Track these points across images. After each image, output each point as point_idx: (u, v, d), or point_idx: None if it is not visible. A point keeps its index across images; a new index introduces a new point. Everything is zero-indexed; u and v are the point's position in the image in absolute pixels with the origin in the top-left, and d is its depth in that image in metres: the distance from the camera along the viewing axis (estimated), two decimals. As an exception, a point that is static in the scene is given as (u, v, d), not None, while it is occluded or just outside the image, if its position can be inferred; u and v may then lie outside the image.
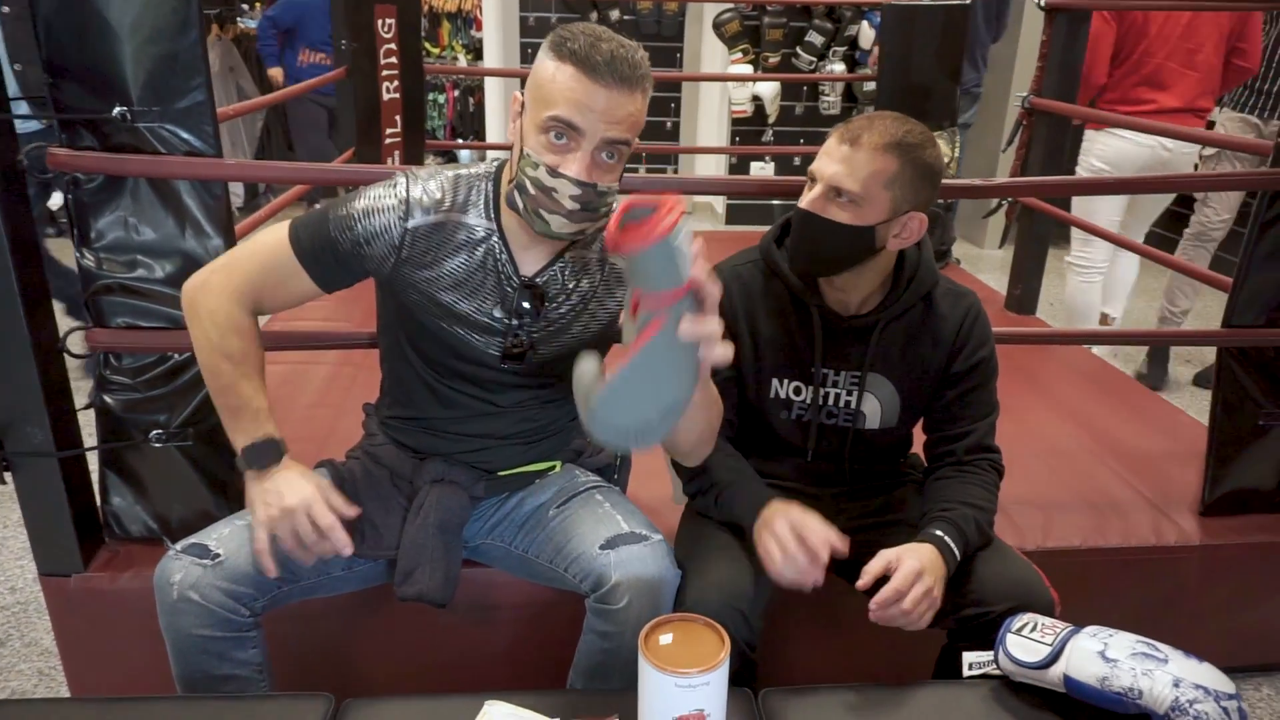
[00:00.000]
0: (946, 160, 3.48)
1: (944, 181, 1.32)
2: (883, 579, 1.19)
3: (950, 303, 1.36)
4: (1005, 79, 4.97)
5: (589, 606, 1.24)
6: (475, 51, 6.13)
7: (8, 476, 1.46)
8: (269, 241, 1.23)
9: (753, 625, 1.24)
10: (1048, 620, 1.15)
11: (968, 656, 1.17)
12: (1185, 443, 2.08)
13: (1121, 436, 2.12)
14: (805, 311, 1.36)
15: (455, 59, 6.22)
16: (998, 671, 1.13)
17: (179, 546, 1.20)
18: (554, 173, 1.12)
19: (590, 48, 1.08)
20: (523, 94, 1.15)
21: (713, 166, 5.78)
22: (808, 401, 1.39)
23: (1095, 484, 1.90)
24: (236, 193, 5.37)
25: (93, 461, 1.55)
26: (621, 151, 1.14)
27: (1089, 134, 3.18)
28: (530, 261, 1.25)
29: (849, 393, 1.39)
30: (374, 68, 3.20)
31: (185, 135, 1.36)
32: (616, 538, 1.24)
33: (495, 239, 1.23)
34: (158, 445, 1.50)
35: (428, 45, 5.93)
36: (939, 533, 1.25)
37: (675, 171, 5.90)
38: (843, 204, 1.24)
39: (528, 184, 1.14)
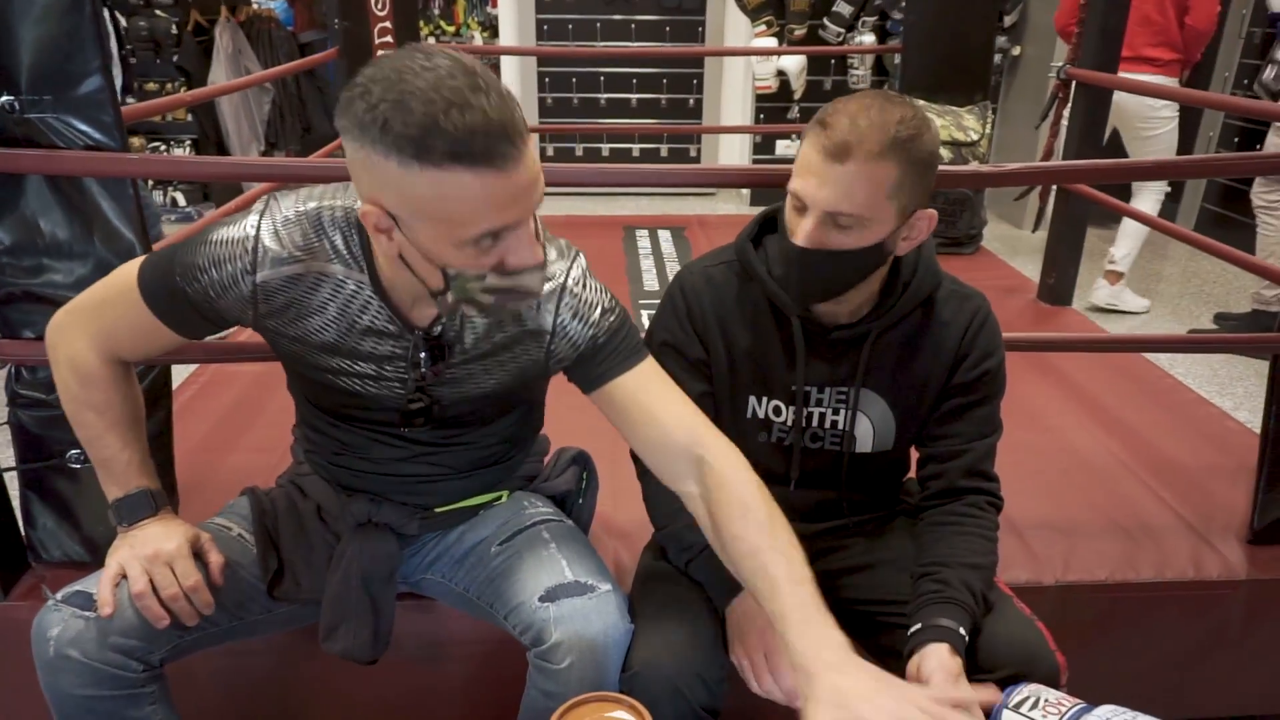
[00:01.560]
0: (977, 137, 3.23)
1: (971, 169, 1.13)
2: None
3: (954, 307, 1.17)
4: (1048, 50, 4.66)
5: (530, 660, 1.09)
6: (492, 29, 5.97)
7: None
8: (120, 285, 1.05)
9: (713, 689, 1.08)
10: (1053, 695, 0.98)
11: (961, 729, 1.00)
12: (1235, 455, 1.86)
13: (1162, 447, 1.90)
14: (786, 321, 1.18)
15: (471, 37, 6.06)
16: (992, 752, 0.96)
17: (59, 595, 1.07)
18: (508, 272, 0.91)
19: (468, 133, 0.80)
20: (377, 204, 0.87)
21: (737, 145, 5.55)
22: (789, 423, 1.22)
23: (1127, 505, 1.69)
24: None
25: (14, 483, 1.44)
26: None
27: None
28: (421, 309, 1.04)
29: (836, 412, 1.21)
30: (368, 48, 3.06)
31: (82, 126, 1.23)
32: (558, 588, 1.09)
33: (369, 291, 1.02)
34: (76, 466, 1.37)
35: (443, 23, 5.78)
36: (951, 624, 1.05)
37: (699, 151, 5.69)
38: (844, 229, 1.04)
39: (477, 296, 0.93)
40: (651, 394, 1.07)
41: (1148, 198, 3.62)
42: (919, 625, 1.07)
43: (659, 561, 1.25)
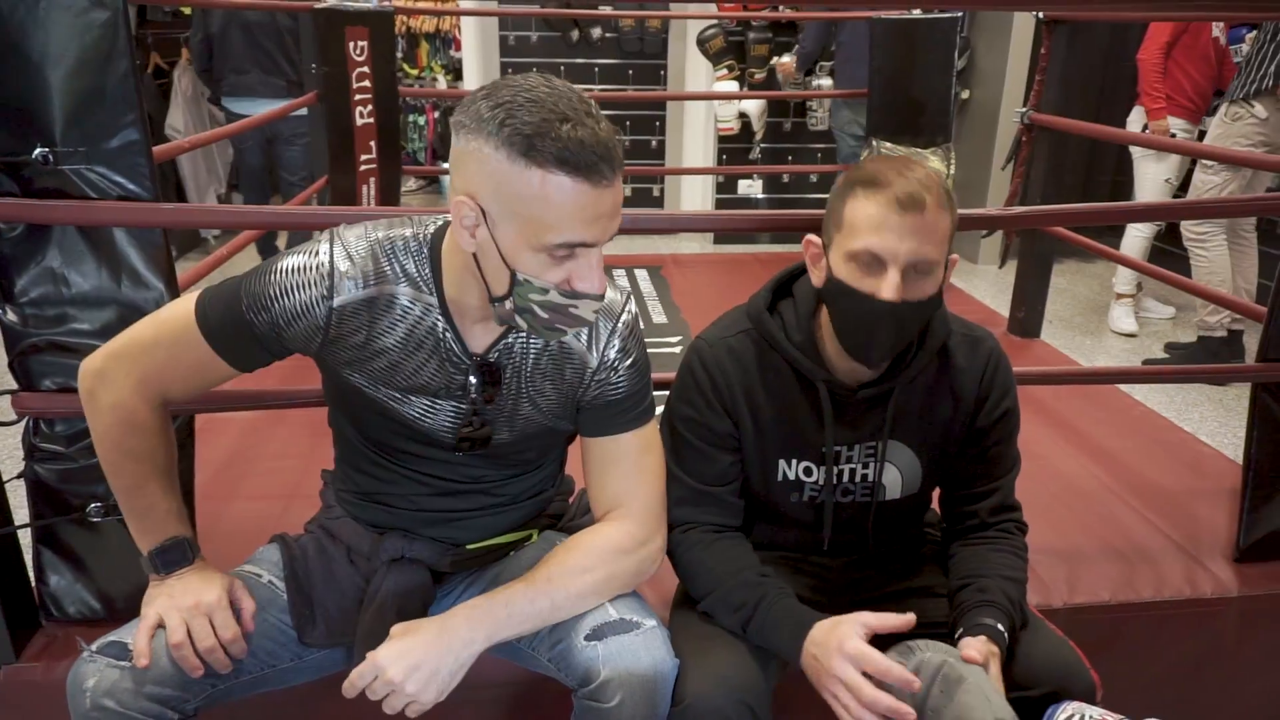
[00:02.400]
0: (943, 178, 3.36)
1: (965, 212, 1.20)
2: None
3: (967, 351, 1.22)
4: (995, 93, 4.89)
5: (577, 703, 1.10)
6: (455, 72, 6.02)
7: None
8: (174, 322, 1.07)
9: (761, 717, 1.10)
10: (1096, 711, 1.02)
11: (1004, 746, 1.04)
12: (1211, 479, 1.96)
13: (1142, 472, 1.99)
14: (810, 386, 1.20)
15: (434, 80, 6.10)
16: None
17: (94, 646, 1.05)
18: (570, 293, 0.98)
19: (577, 144, 0.89)
20: (472, 197, 0.94)
21: (699, 186, 5.66)
22: (820, 482, 1.24)
23: (1120, 528, 1.77)
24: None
25: (26, 538, 1.40)
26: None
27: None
28: (480, 336, 1.09)
29: (865, 465, 1.24)
30: (346, 92, 3.07)
31: (117, 178, 1.23)
32: (604, 626, 1.10)
33: (436, 314, 1.07)
34: (96, 520, 1.35)
35: (405, 67, 5.81)
36: (991, 622, 1.10)
37: (661, 191, 5.79)
38: (924, 275, 1.09)
39: (535, 309, 0.99)
40: (633, 461, 1.16)
41: (1132, 232, 3.90)
42: (962, 630, 1.11)
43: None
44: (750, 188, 5.52)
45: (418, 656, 1.03)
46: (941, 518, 1.32)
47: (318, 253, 1.03)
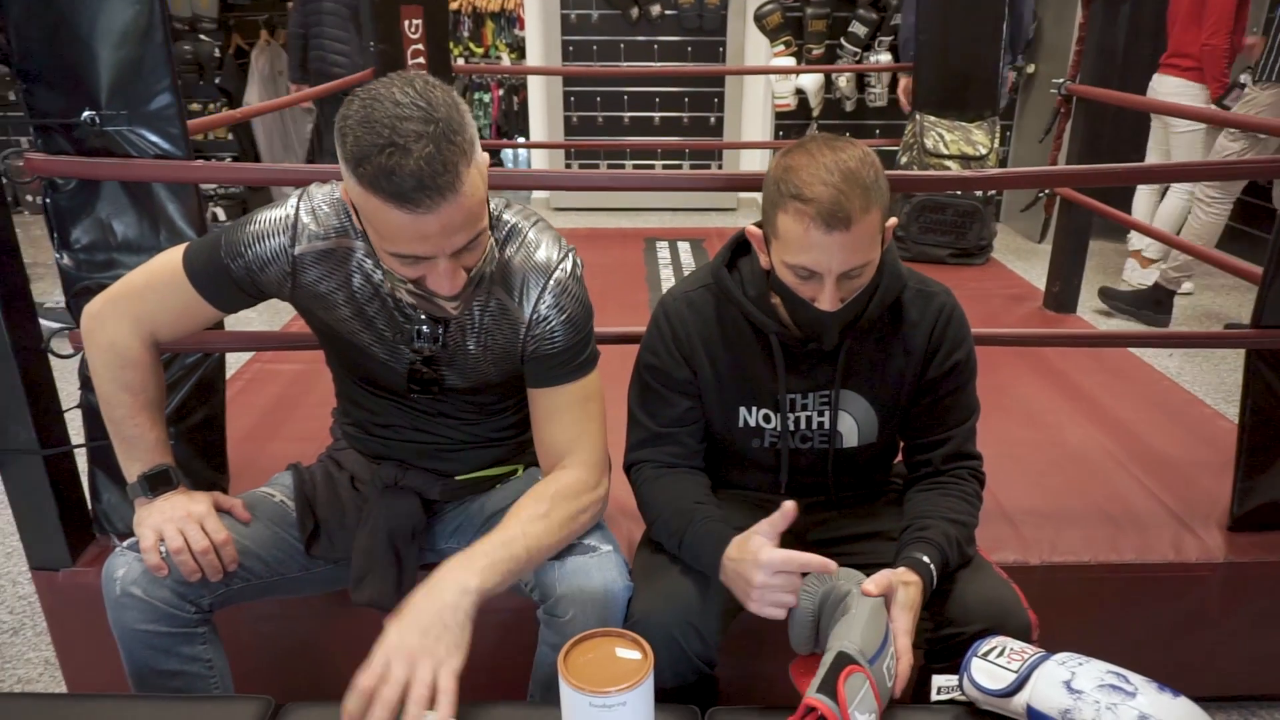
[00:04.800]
0: (985, 151, 3.33)
1: (971, 172, 1.23)
2: None
3: (920, 306, 1.27)
4: (1060, 68, 4.75)
5: (539, 617, 1.21)
6: (520, 50, 6.15)
7: (-4, 473, 1.50)
8: (163, 269, 1.21)
9: (708, 639, 1.19)
10: (1018, 645, 1.07)
11: (936, 680, 1.10)
12: (1221, 450, 1.94)
13: (1151, 442, 1.99)
14: (764, 337, 1.27)
15: (499, 58, 6.25)
16: (964, 698, 1.05)
17: (125, 543, 1.20)
18: (422, 288, 1.07)
19: (390, 173, 0.93)
20: (348, 196, 1.04)
21: (757, 162, 5.68)
22: (779, 429, 1.32)
23: (1114, 493, 1.78)
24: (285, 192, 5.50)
25: (83, 460, 1.58)
26: (474, 238, 1.04)
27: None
28: None
29: (821, 414, 1.30)
30: (401, 68, 3.21)
31: (154, 138, 1.38)
32: (565, 549, 1.20)
33: (383, 272, 1.16)
34: (139, 444, 1.51)
35: (472, 45, 5.97)
36: (918, 555, 1.16)
37: (720, 166, 5.83)
38: (857, 276, 1.15)
39: (406, 295, 1.11)
40: (575, 411, 1.23)
41: (1175, 199, 3.85)
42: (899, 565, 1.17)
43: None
44: (807, 164, 5.50)
45: (413, 629, 0.99)
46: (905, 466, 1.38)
47: (286, 205, 1.17)
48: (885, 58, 5.01)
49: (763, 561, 1.09)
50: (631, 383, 1.35)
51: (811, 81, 5.14)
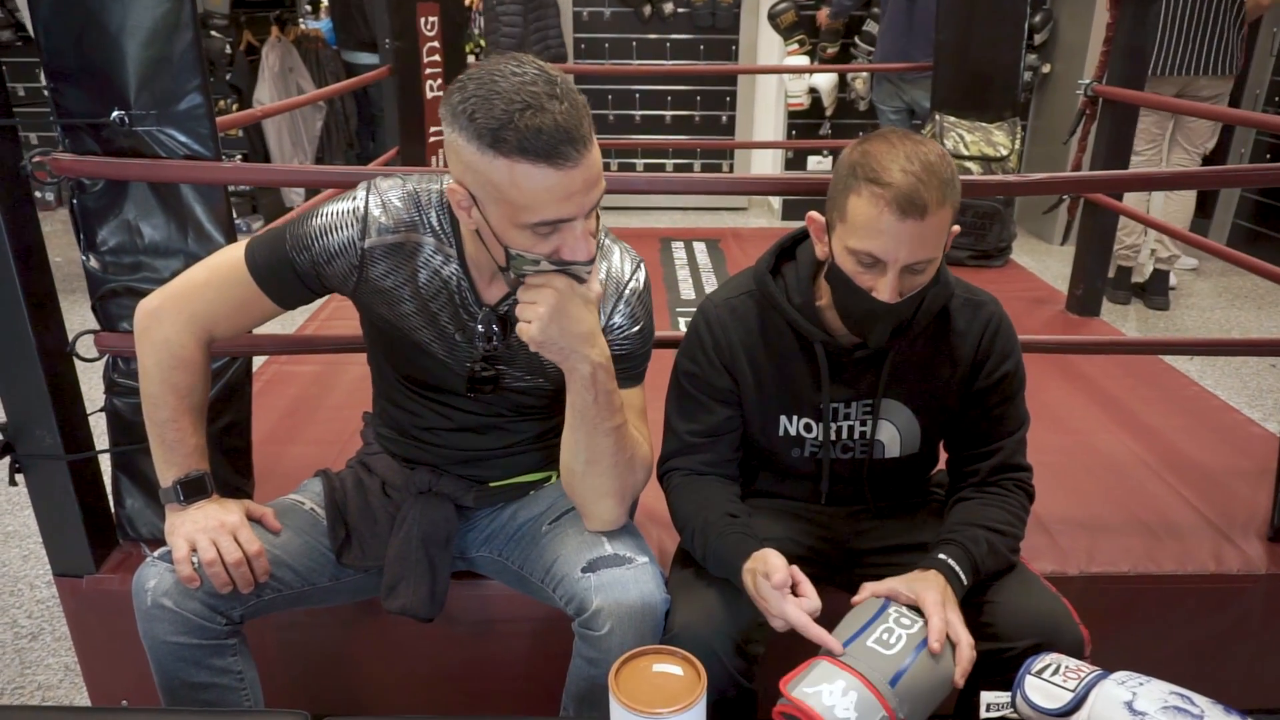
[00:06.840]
0: (1006, 153, 3.30)
1: (996, 179, 1.21)
2: None
3: (968, 315, 1.24)
4: (1077, 67, 4.72)
5: (575, 630, 1.18)
6: (531, 48, 6.12)
7: (20, 478, 1.48)
8: (224, 264, 1.19)
9: (748, 654, 1.16)
10: (1073, 662, 1.05)
11: (985, 697, 1.07)
12: (1258, 459, 1.91)
13: (1186, 450, 1.96)
14: (808, 345, 1.25)
15: (511, 56, 6.22)
16: (1015, 716, 1.03)
17: (156, 553, 1.18)
18: (560, 262, 1.04)
19: (536, 132, 0.94)
20: (461, 184, 1.02)
21: (769, 161, 5.65)
22: (820, 439, 1.29)
23: (1151, 503, 1.75)
24: (299, 191, 5.47)
25: (107, 465, 1.56)
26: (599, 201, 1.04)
27: None
28: (494, 289, 1.19)
29: (863, 423, 1.28)
30: (417, 66, 3.19)
31: (183, 138, 1.35)
32: (598, 560, 1.18)
33: (455, 265, 1.17)
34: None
35: (483, 42, 5.95)
36: (943, 557, 1.14)
37: (731, 167, 5.80)
38: (920, 272, 1.12)
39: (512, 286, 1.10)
40: (630, 415, 1.20)
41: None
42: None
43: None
44: (821, 163, 5.47)
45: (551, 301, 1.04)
46: (948, 476, 1.35)
47: (354, 198, 1.15)
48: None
49: (776, 582, 1.09)
50: (669, 390, 1.32)
51: (825, 81, 5.10)
